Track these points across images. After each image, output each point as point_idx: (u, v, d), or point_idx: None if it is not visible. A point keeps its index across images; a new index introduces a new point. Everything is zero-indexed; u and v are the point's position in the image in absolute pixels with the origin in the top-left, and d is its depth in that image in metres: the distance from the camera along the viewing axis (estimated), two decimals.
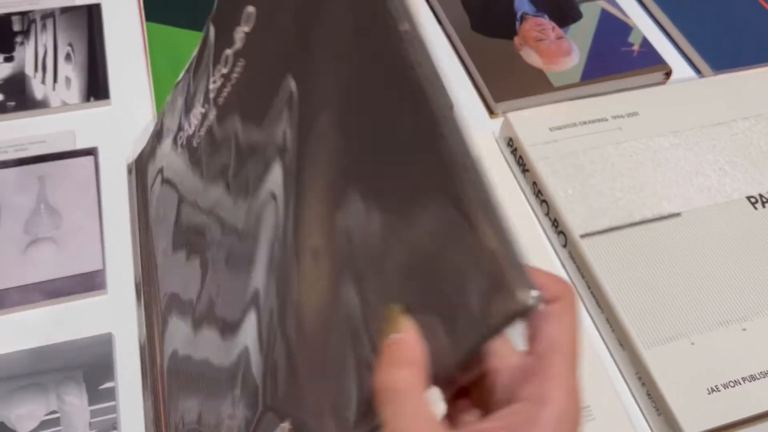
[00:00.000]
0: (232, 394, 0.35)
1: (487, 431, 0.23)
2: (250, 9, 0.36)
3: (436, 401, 0.25)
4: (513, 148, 0.57)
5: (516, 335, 0.25)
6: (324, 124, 0.29)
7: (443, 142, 0.23)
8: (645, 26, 0.70)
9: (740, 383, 0.44)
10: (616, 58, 0.65)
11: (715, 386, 0.44)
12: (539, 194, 0.54)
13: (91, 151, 0.54)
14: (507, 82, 0.62)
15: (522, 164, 0.56)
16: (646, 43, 0.66)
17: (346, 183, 0.28)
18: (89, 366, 0.43)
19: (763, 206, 0.53)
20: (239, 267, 0.36)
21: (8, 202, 0.50)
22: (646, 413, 0.46)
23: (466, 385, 0.26)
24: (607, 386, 0.46)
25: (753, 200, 0.54)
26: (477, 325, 0.22)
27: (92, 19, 0.63)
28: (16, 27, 0.62)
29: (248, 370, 0.34)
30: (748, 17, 0.70)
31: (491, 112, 0.62)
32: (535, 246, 0.52)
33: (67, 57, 0.60)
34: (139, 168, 0.52)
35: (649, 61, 0.65)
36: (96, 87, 0.59)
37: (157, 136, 0.49)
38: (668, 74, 0.65)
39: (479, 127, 0.61)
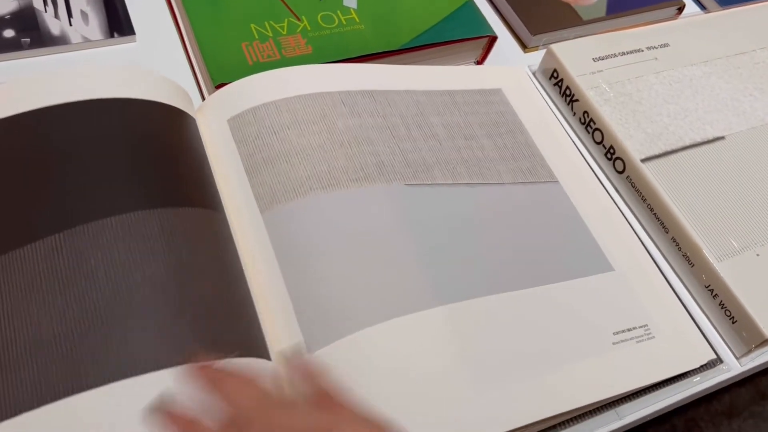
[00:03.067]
0: None
1: None
2: None
3: None
4: (558, 79, 0.57)
5: None
6: None
7: None
8: None
9: None
10: None
11: None
12: (591, 123, 0.55)
13: None
14: (540, 16, 0.62)
15: (569, 95, 0.56)
16: None
17: None
18: None
19: None
20: None
21: None
22: (717, 324, 0.48)
23: None
24: (672, 303, 0.47)
25: None
26: None
27: None
28: None
29: None
30: None
31: (524, 46, 0.62)
32: (585, 174, 0.53)
33: None
34: None
35: None
36: (117, 22, 0.54)
37: None
38: (680, 9, 0.67)
39: (513, 61, 0.61)
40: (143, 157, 0.40)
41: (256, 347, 0.38)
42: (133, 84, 0.42)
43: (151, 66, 0.53)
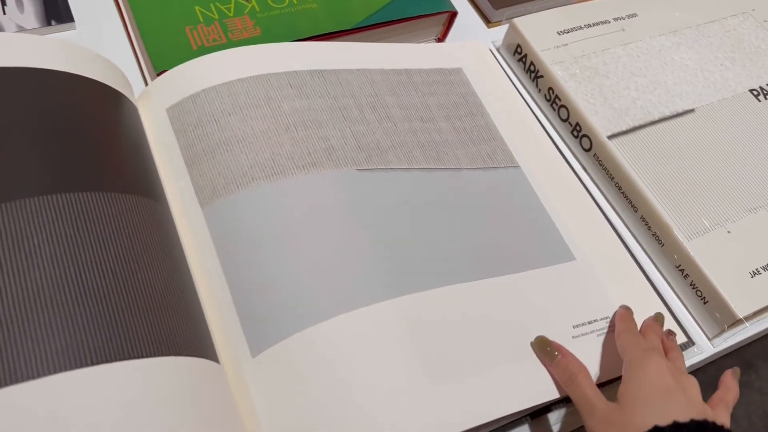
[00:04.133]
0: None
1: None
2: None
3: None
4: (522, 54, 0.55)
5: None
6: None
7: None
8: None
9: None
10: None
11: (756, 269, 0.46)
12: (556, 100, 0.53)
13: None
14: None
15: (534, 71, 0.54)
16: None
17: None
18: None
19: (765, 98, 0.55)
20: None
21: None
22: (688, 305, 0.47)
23: None
24: (641, 289, 0.46)
25: (755, 93, 0.55)
26: None
27: None
28: None
29: None
30: None
31: (488, 21, 0.60)
32: (550, 156, 0.51)
33: None
34: None
35: None
36: (55, 8, 0.51)
37: None
38: None
39: (477, 37, 0.58)
40: (82, 134, 0.37)
41: (205, 348, 0.36)
42: (66, 57, 0.39)
43: None
